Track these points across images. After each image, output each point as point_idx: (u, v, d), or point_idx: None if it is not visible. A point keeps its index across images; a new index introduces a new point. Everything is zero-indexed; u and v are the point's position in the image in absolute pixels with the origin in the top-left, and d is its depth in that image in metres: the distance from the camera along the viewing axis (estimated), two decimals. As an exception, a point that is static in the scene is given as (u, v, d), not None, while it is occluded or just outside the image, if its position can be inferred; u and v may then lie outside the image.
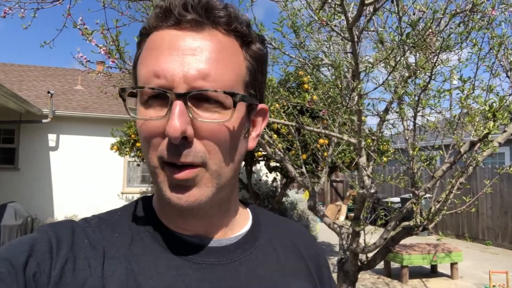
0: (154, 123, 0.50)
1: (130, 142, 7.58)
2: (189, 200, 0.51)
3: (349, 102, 2.13)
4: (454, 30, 2.23)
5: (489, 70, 2.34)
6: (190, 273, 0.53)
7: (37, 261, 0.47)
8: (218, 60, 0.51)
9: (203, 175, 0.51)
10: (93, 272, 0.49)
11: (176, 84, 0.49)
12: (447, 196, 2.58)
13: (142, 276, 0.51)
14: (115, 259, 0.52)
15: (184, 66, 0.49)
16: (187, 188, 0.51)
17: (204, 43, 0.51)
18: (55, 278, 0.47)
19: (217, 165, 0.52)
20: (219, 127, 0.51)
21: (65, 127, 9.80)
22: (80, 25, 2.04)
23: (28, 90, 10.82)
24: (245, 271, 0.57)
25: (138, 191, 10.43)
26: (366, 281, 6.32)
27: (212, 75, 0.50)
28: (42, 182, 9.49)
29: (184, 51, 0.50)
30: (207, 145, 0.51)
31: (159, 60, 0.50)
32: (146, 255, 0.53)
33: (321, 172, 3.75)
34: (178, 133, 0.47)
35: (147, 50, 0.53)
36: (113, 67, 2.21)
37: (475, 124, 2.16)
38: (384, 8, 2.35)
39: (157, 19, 0.53)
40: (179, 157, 0.49)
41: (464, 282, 6.36)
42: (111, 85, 4.91)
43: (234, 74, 0.53)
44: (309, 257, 0.67)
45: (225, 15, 0.53)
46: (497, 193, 9.36)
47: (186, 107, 0.49)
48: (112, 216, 0.60)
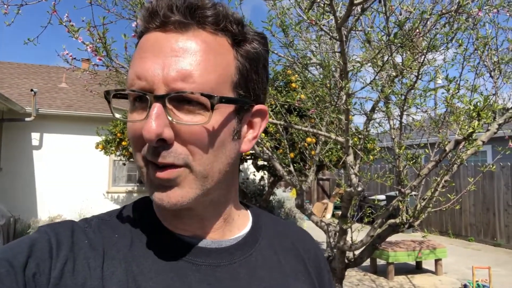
0: (137, 125, 0.51)
1: (116, 141, 7.51)
2: (171, 201, 0.50)
3: (337, 101, 2.14)
4: (440, 31, 2.27)
5: (473, 70, 2.39)
6: (189, 275, 0.53)
7: (36, 261, 0.47)
8: (201, 60, 0.50)
9: (187, 176, 0.51)
10: (93, 273, 0.49)
11: (156, 86, 0.49)
12: (433, 194, 2.62)
13: (142, 277, 0.51)
14: (115, 260, 0.52)
15: (165, 68, 0.49)
16: (168, 188, 0.51)
17: (187, 44, 0.50)
18: (54, 278, 0.47)
19: (202, 166, 0.51)
20: (200, 129, 0.50)
21: (49, 126, 9.62)
22: (66, 22, 2.00)
23: (10, 88, 10.60)
24: (245, 273, 0.56)
25: (124, 190, 10.32)
26: (353, 278, 6.39)
27: (193, 76, 0.49)
28: (25, 181, 9.31)
29: (167, 52, 0.50)
30: (190, 147, 0.50)
31: (142, 62, 0.50)
32: (146, 256, 0.53)
33: (308, 171, 3.77)
34: (153, 135, 0.47)
35: (136, 52, 0.53)
36: (100, 65, 2.18)
37: (460, 123, 2.20)
38: (371, 8, 2.38)
39: (144, 21, 0.53)
40: (157, 157, 0.49)
41: (448, 278, 6.48)
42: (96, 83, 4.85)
43: (217, 75, 0.52)
44: (310, 260, 0.67)
45: (212, 14, 0.52)
46: (480, 191, 9.56)
47: (165, 109, 0.48)
48: (112, 216, 0.60)
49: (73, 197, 9.51)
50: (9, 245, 0.50)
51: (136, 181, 10.55)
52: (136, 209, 0.61)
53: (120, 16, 2.72)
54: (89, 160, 9.70)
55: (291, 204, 9.98)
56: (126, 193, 10.37)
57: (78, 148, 9.70)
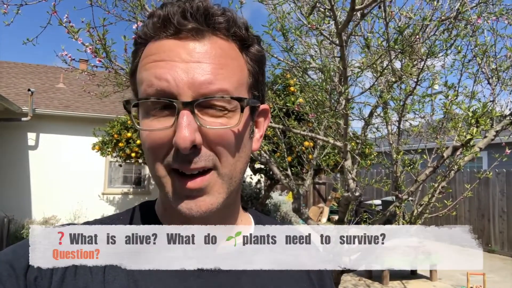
0: (160, 133, 0.50)
1: (113, 142, 7.49)
2: (201, 210, 0.50)
3: (336, 106, 2.15)
4: (439, 37, 2.28)
5: (472, 77, 2.40)
6: (191, 280, 0.53)
7: None
8: (221, 66, 0.51)
9: (215, 181, 0.51)
10: (95, 277, 0.49)
11: (181, 93, 0.49)
12: (430, 199, 2.62)
13: (143, 282, 0.51)
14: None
15: (189, 74, 0.49)
16: (198, 197, 0.50)
17: (205, 51, 0.51)
18: (56, 282, 0.47)
19: (227, 168, 0.52)
20: (225, 131, 0.51)
21: (46, 126, 9.57)
22: (65, 22, 2.00)
23: (7, 87, 10.54)
24: (247, 279, 0.56)
25: (120, 192, 10.27)
26: (348, 283, 6.39)
27: (217, 81, 0.50)
28: (20, 182, 9.24)
29: (187, 59, 0.50)
30: (216, 150, 0.51)
31: (162, 69, 0.50)
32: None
33: (306, 175, 3.77)
34: (188, 143, 0.46)
35: (147, 59, 0.52)
36: (99, 66, 2.18)
37: (458, 129, 2.21)
38: (371, 14, 2.39)
39: (155, 28, 0.52)
40: (190, 164, 0.49)
41: (442, 284, 6.49)
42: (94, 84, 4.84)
43: (237, 78, 0.53)
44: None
45: (224, 21, 0.53)
46: (475, 197, 9.60)
47: (193, 115, 0.48)
48: (114, 220, 0.59)
49: (68, 198, 9.44)
50: (11, 248, 0.50)
51: (132, 183, 10.50)
52: (138, 214, 0.61)
53: (120, 17, 2.72)
54: (85, 161, 9.65)
55: (287, 207, 9.97)
56: (121, 194, 10.32)
57: (74, 149, 9.65)
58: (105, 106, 10.35)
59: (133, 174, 10.50)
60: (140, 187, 10.51)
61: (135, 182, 10.51)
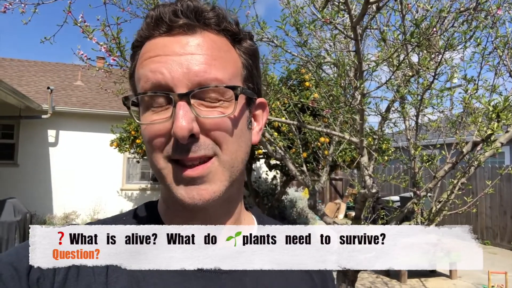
0: (158, 126, 0.51)
1: (130, 139, 7.58)
2: (203, 198, 0.51)
3: (352, 101, 2.11)
4: (458, 29, 2.21)
5: (492, 69, 2.33)
6: (193, 281, 0.53)
7: None
8: (214, 57, 0.53)
9: (217, 169, 0.52)
10: (97, 278, 0.49)
11: (177, 85, 0.50)
12: (449, 196, 2.56)
13: (145, 283, 0.51)
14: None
15: (183, 65, 0.50)
16: (199, 185, 0.51)
17: (198, 43, 0.53)
18: (58, 283, 0.47)
19: (228, 155, 0.53)
20: (222, 120, 0.52)
21: (65, 123, 9.77)
22: (80, 22, 2.02)
23: (27, 85, 10.79)
24: (249, 280, 0.56)
25: (138, 188, 10.42)
26: (365, 280, 6.33)
27: (212, 71, 0.51)
28: (41, 178, 9.47)
29: (180, 52, 0.51)
30: (215, 138, 0.52)
31: (157, 64, 0.51)
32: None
33: (321, 171, 3.74)
34: (186, 132, 0.48)
35: (143, 58, 0.54)
36: (114, 65, 2.20)
37: (478, 124, 2.14)
38: (387, 6, 2.33)
39: (148, 28, 0.54)
40: (188, 153, 0.50)
41: (462, 282, 6.36)
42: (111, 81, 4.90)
43: (231, 70, 0.55)
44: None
45: (214, 16, 0.55)
46: (497, 193, 9.36)
47: (190, 106, 0.50)
48: (117, 221, 0.60)
49: (88, 194, 9.64)
50: (14, 248, 0.50)
51: (149, 179, 10.64)
52: (141, 214, 0.61)
53: (134, 15, 2.73)
54: (103, 157, 9.82)
55: (303, 204, 9.93)
56: (139, 190, 10.47)
57: (93, 145, 9.83)
58: (122, 103, 10.47)
59: (151, 170, 10.62)
60: (157, 183, 10.61)
61: (153, 178, 10.63)
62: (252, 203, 7.89)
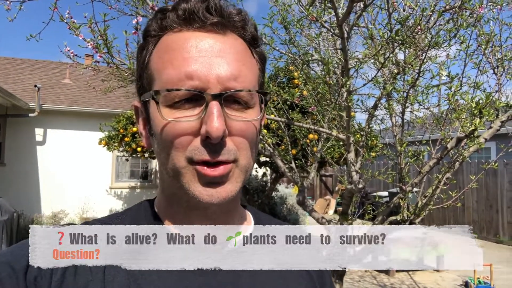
0: (184, 124, 0.50)
1: (119, 137, 7.52)
2: (221, 196, 0.51)
3: (338, 98, 2.14)
4: (443, 27, 2.25)
5: (476, 67, 2.37)
6: (191, 278, 0.53)
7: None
8: (243, 61, 0.53)
9: (234, 170, 0.52)
10: (94, 276, 0.49)
11: (210, 85, 0.50)
12: (434, 191, 2.61)
13: (143, 281, 0.51)
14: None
15: (215, 67, 0.50)
16: (219, 184, 0.51)
17: (229, 46, 0.53)
18: (56, 282, 0.47)
19: (245, 160, 0.53)
20: (246, 125, 0.53)
21: (53, 121, 9.65)
22: (67, 18, 2.01)
23: (14, 83, 10.63)
24: (247, 277, 0.56)
25: (127, 186, 10.35)
26: (354, 274, 6.40)
27: (241, 76, 0.52)
28: (29, 177, 9.36)
29: (213, 53, 0.51)
30: (237, 143, 0.52)
31: (188, 61, 0.51)
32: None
33: (310, 167, 3.77)
34: (221, 132, 0.48)
35: (171, 52, 0.52)
36: (101, 61, 2.19)
37: (462, 120, 2.19)
38: (374, 5, 2.36)
39: (179, 20, 0.53)
40: (216, 155, 0.50)
41: (449, 275, 6.48)
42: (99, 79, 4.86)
43: (254, 75, 0.56)
44: None
45: (241, 20, 0.55)
46: (483, 187, 9.53)
47: (222, 108, 0.50)
48: (113, 219, 0.59)
49: (76, 193, 9.55)
50: (11, 248, 0.50)
51: (139, 177, 10.57)
52: (138, 212, 0.61)
53: (122, 12, 2.72)
54: (92, 156, 9.73)
55: (294, 200, 9.98)
56: (129, 188, 10.41)
57: (81, 144, 9.73)
58: (111, 101, 10.39)
59: (140, 168, 10.57)
60: (147, 181, 10.58)
61: (142, 176, 10.58)
62: (242, 200, 7.90)
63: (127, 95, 5.67)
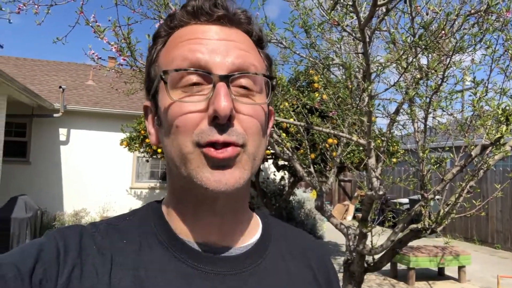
0: (190, 106, 0.50)
1: (140, 138, 7.64)
2: (229, 182, 0.50)
3: (359, 103, 2.11)
4: (468, 31, 2.20)
5: (503, 72, 2.31)
6: (198, 283, 0.52)
7: (44, 267, 0.47)
8: (249, 50, 0.55)
9: (242, 155, 0.51)
10: (100, 279, 0.49)
11: (217, 66, 0.51)
12: (457, 199, 2.55)
13: (149, 284, 0.50)
14: (123, 266, 0.51)
15: (222, 50, 0.52)
16: (227, 168, 0.50)
17: (236, 35, 0.55)
18: (62, 285, 0.46)
19: (254, 147, 0.53)
20: (254, 110, 0.52)
21: (76, 122, 9.89)
22: (92, 22, 2.05)
23: (40, 84, 10.94)
24: (254, 282, 0.55)
25: (147, 187, 10.50)
26: (372, 282, 6.30)
27: (249, 59, 0.53)
28: (53, 176, 9.60)
29: (220, 39, 0.53)
30: (245, 127, 0.51)
31: (196, 43, 0.52)
32: (154, 262, 0.52)
33: (329, 172, 3.74)
34: (228, 111, 0.47)
35: (177, 39, 0.54)
36: (124, 65, 2.23)
37: (487, 127, 2.13)
38: (396, 9, 2.33)
39: (188, 15, 0.55)
40: (224, 134, 0.49)
41: (471, 286, 6.29)
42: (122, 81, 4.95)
43: (261, 65, 0.57)
44: (319, 270, 0.65)
45: (246, 18, 0.57)
46: (508, 196, 9.24)
47: (229, 89, 0.50)
48: (121, 221, 0.59)
49: (98, 192, 9.74)
50: (18, 249, 0.50)
51: (158, 178, 10.71)
52: (145, 214, 0.60)
53: (145, 16, 2.77)
54: (113, 156, 9.93)
55: (311, 205, 9.90)
56: (148, 189, 10.55)
57: (103, 144, 9.93)
58: (133, 102, 10.57)
59: (160, 169, 10.71)
60: (166, 182, 10.68)
61: (162, 177, 10.70)
62: (259, 203, 7.89)
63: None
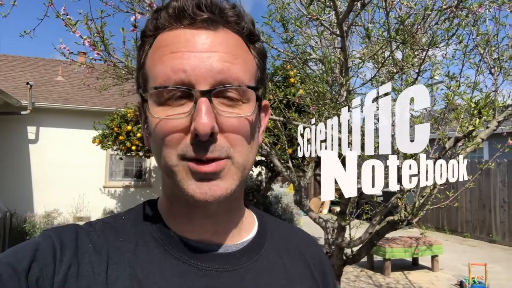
0: (174, 122, 0.49)
1: (113, 135, 7.48)
2: (216, 194, 0.50)
3: (338, 98, 2.12)
4: (441, 27, 2.25)
5: (474, 67, 2.37)
6: (194, 280, 0.52)
7: (40, 266, 0.47)
8: (236, 56, 0.52)
9: (230, 167, 0.51)
10: (97, 277, 0.49)
11: (200, 81, 0.49)
12: (431, 191, 2.61)
13: (146, 282, 0.50)
14: (119, 265, 0.51)
15: (205, 63, 0.49)
16: (212, 181, 0.50)
17: (221, 41, 0.52)
18: (58, 283, 0.46)
19: (242, 158, 0.52)
20: (239, 121, 0.51)
21: (45, 119, 9.54)
22: (63, 15, 1.97)
23: (5, 80, 10.50)
24: (250, 279, 0.56)
25: (121, 185, 10.28)
26: (350, 274, 6.42)
27: (233, 71, 0.50)
28: (21, 176, 9.24)
29: (203, 48, 0.50)
30: (230, 139, 0.51)
31: (178, 58, 0.50)
32: (151, 260, 0.53)
33: (307, 167, 3.76)
34: (208, 129, 0.47)
35: (162, 49, 0.52)
36: (98, 59, 2.16)
37: (460, 120, 2.18)
38: (372, 4, 2.35)
39: (170, 19, 0.52)
40: (206, 152, 0.48)
41: (444, 274, 6.52)
42: (93, 77, 4.81)
43: (249, 70, 0.54)
44: (315, 265, 0.66)
45: (234, 15, 0.54)
46: (476, 187, 9.59)
47: (211, 104, 0.48)
48: (117, 220, 0.59)
49: (70, 192, 9.46)
50: (13, 249, 0.49)
51: (133, 176, 10.50)
52: (141, 212, 0.60)
53: (118, 9, 2.69)
54: (85, 154, 9.64)
55: (288, 199, 9.98)
56: (123, 187, 10.33)
57: (74, 142, 9.63)
58: (105, 99, 10.31)
59: (134, 167, 10.50)
60: (141, 180, 10.51)
61: (136, 175, 10.51)
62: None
63: (122, 93, 5.61)
